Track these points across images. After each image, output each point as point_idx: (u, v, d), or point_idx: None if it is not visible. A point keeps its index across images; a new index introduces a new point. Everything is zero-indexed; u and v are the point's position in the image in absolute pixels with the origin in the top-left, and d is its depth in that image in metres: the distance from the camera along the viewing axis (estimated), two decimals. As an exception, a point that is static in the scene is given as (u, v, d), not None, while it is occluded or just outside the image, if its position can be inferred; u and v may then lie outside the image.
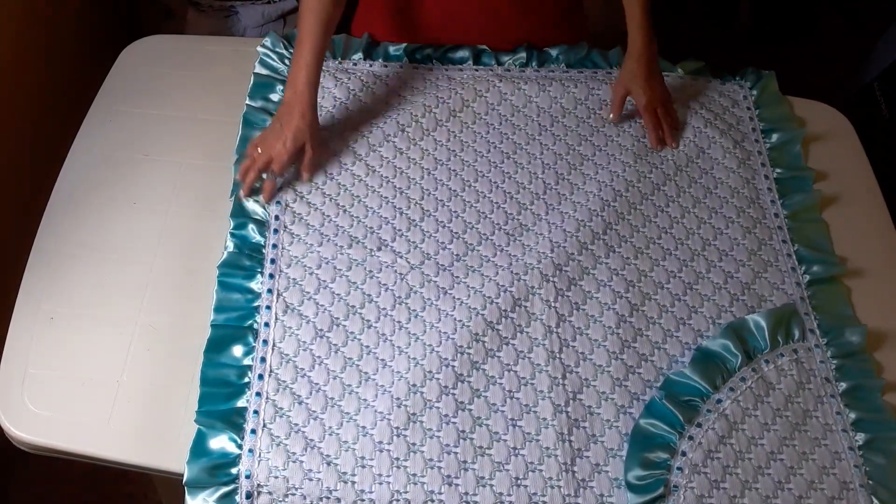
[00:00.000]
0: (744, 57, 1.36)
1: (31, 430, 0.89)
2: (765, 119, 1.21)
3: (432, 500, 0.86)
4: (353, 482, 0.87)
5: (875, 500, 0.88)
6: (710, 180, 1.13)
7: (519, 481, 0.88)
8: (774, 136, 1.19)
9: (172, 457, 0.88)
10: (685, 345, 0.98)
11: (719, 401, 0.93)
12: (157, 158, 1.11)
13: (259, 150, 1.04)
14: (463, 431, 0.90)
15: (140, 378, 0.93)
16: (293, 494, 0.87)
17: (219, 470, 0.87)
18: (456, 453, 0.89)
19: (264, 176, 1.05)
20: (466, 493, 0.87)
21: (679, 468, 0.89)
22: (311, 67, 1.05)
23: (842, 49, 2.16)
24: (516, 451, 0.90)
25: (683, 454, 0.89)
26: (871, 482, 0.89)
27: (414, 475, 0.88)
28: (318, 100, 1.09)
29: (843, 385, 0.96)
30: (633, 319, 1.00)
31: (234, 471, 0.87)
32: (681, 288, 1.03)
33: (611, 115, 1.16)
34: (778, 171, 1.15)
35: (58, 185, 1.10)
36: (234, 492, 0.86)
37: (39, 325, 0.96)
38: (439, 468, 0.88)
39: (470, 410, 0.92)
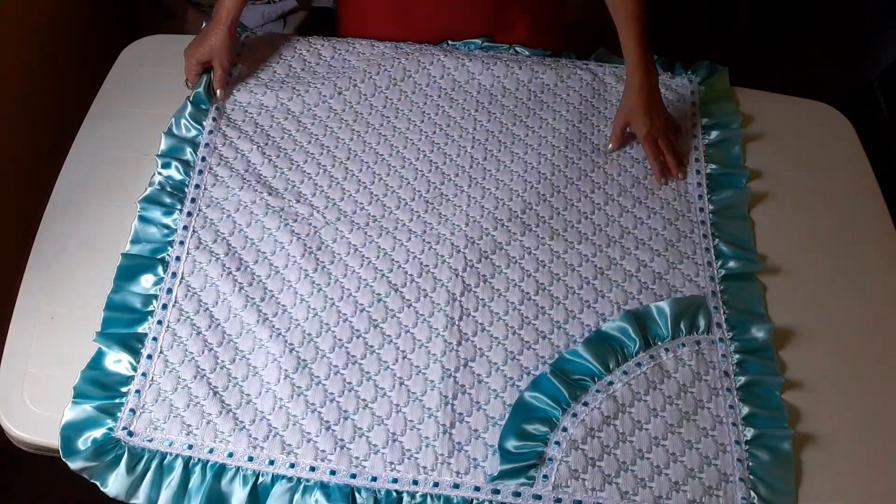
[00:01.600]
0: (744, 57, 1.37)
1: (31, 430, 0.90)
2: (708, 115, 1.21)
3: (308, 441, 0.88)
4: (235, 416, 0.89)
5: (753, 495, 0.87)
6: (640, 170, 1.14)
7: (395, 437, 0.89)
8: (714, 133, 1.19)
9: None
10: (586, 327, 0.98)
11: (610, 383, 0.93)
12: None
13: (184, 57, 1.17)
14: (349, 383, 0.93)
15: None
16: (175, 417, 0.89)
17: (109, 387, 0.90)
18: (339, 402, 0.91)
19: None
20: (342, 440, 0.89)
21: (557, 442, 0.89)
22: (233, 6, 1.14)
23: (842, 49, 2.16)
24: (398, 408, 0.91)
25: (564, 430, 0.90)
26: (751, 477, 0.89)
27: (294, 416, 0.90)
28: (264, 53, 1.22)
29: (742, 380, 0.95)
30: (538, 298, 1.00)
31: (123, 389, 0.91)
32: (591, 272, 1.03)
33: (609, 145, 1.15)
34: (712, 167, 1.15)
35: (58, 185, 1.10)
36: (116, 407, 0.89)
37: (39, 325, 0.96)
38: (319, 413, 0.90)
39: (360, 365, 0.94)
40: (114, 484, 0.86)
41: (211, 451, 0.87)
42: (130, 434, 0.88)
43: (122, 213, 1.06)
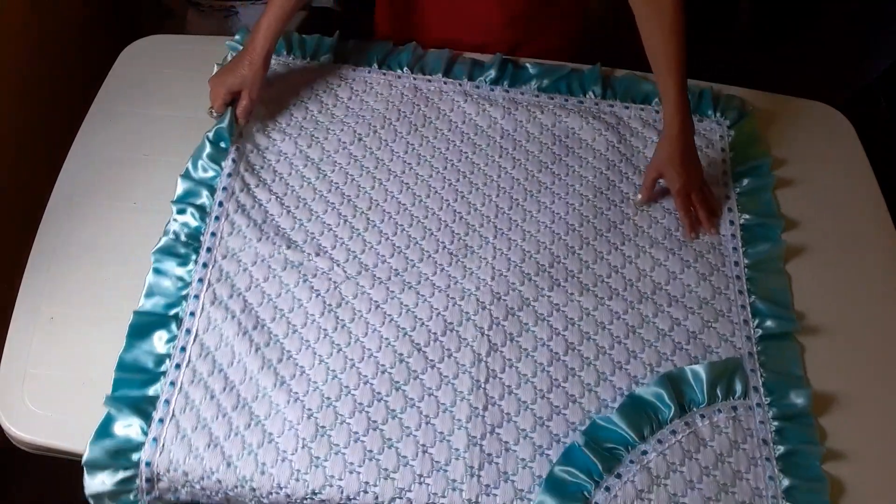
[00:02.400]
0: (744, 57, 1.36)
1: (31, 430, 0.89)
2: (738, 162, 1.17)
3: None
4: (252, 487, 0.86)
5: None
6: (671, 221, 1.10)
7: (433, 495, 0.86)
8: (746, 181, 1.14)
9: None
10: (618, 390, 0.94)
11: (644, 452, 0.89)
12: (157, 158, 1.11)
13: (210, 86, 1.13)
14: (370, 451, 0.88)
15: (140, 378, 0.93)
16: (192, 487, 0.87)
17: (120, 455, 0.87)
18: (359, 473, 0.87)
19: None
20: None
21: None
22: (273, 19, 1.10)
23: (842, 49, 2.16)
24: (421, 478, 0.87)
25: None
26: None
27: (313, 491, 0.86)
28: (280, 93, 1.18)
29: (781, 449, 0.91)
30: (568, 358, 0.96)
31: (134, 457, 0.87)
32: (623, 331, 0.99)
33: (639, 197, 1.10)
34: (746, 217, 1.11)
35: (58, 185, 1.10)
36: (133, 477, 0.87)
37: (39, 325, 0.96)
38: (339, 486, 0.86)
39: (381, 431, 0.90)
40: None
41: (246, 486, 0.86)
42: (150, 483, 0.87)
43: (122, 213, 1.06)
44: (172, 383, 0.92)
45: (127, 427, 0.89)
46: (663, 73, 1.05)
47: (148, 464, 0.87)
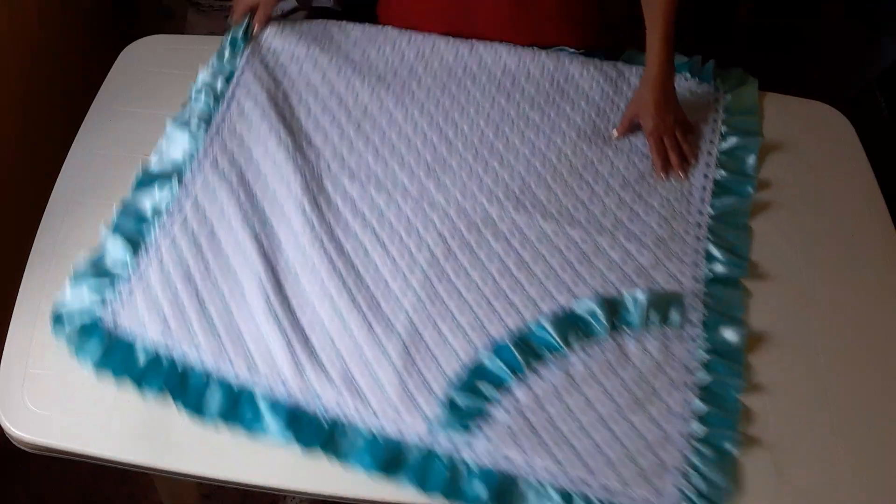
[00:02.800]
0: (744, 57, 1.36)
1: (31, 430, 0.89)
2: (730, 123, 1.20)
3: (272, 362, 0.93)
4: (214, 325, 0.95)
5: (687, 486, 0.87)
6: (647, 166, 1.15)
7: (351, 373, 0.93)
8: (732, 140, 1.18)
9: (172, 455, 0.89)
10: (560, 307, 0.99)
11: (570, 360, 0.95)
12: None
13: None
14: (320, 317, 0.97)
15: (140, 378, 0.93)
16: (158, 315, 0.95)
17: (104, 275, 0.99)
18: (307, 334, 0.96)
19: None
20: (303, 366, 0.93)
21: (503, 405, 0.91)
22: None
23: (842, 49, 2.16)
24: (360, 348, 0.95)
25: (513, 395, 0.92)
26: (690, 470, 0.88)
27: (267, 338, 0.95)
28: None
29: (705, 378, 0.94)
30: (518, 273, 1.02)
31: (116, 275, 0.99)
32: (576, 256, 1.04)
33: (614, 133, 1.17)
34: (722, 173, 1.15)
35: (58, 185, 1.10)
36: (108, 293, 0.97)
37: (39, 325, 0.96)
38: (288, 340, 0.94)
39: (333, 301, 0.98)
40: (88, 359, 0.93)
41: (184, 354, 0.93)
42: (115, 323, 0.95)
43: (122, 213, 1.06)
44: (163, 227, 1.03)
45: (117, 255, 1.00)
46: (653, 18, 1.12)
47: (129, 285, 0.98)
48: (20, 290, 0.99)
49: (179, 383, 0.91)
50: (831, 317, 1.03)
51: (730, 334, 0.98)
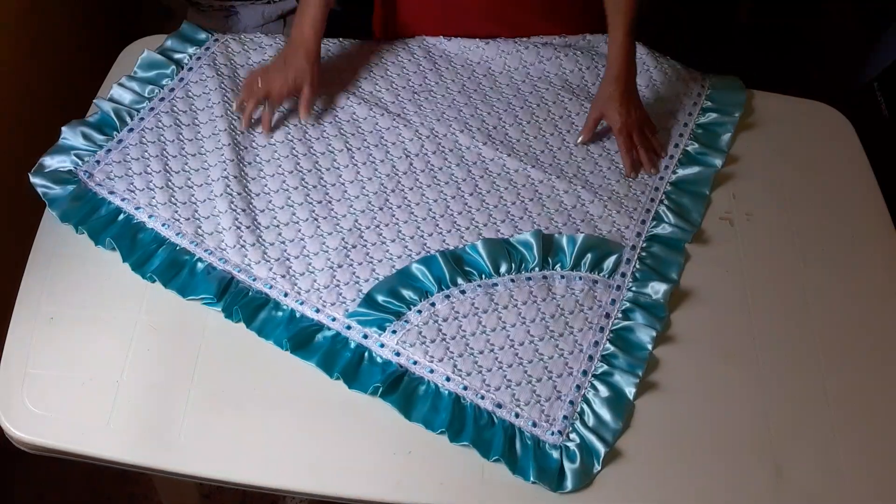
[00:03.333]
0: (744, 57, 1.37)
1: (31, 431, 0.89)
2: (712, 100, 1.23)
3: (219, 233, 1.02)
4: (175, 196, 1.05)
5: (576, 416, 0.91)
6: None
7: (288, 256, 1.01)
8: (711, 116, 1.21)
9: (172, 457, 0.88)
10: (500, 236, 1.04)
11: (495, 284, 1.00)
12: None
13: (259, 84, 1.12)
14: (273, 204, 1.05)
15: (140, 377, 0.93)
16: (128, 179, 1.06)
17: (88, 139, 1.09)
18: (256, 216, 1.04)
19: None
20: (244, 242, 1.01)
21: (420, 311, 0.97)
22: (317, 15, 1.11)
23: (842, 49, 2.16)
24: (302, 237, 1.03)
25: (433, 304, 0.98)
26: (583, 404, 0.92)
27: (217, 211, 1.04)
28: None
29: (622, 324, 0.99)
30: (469, 198, 1.08)
31: (100, 144, 1.09)
32: (530, 194, 1.09)
33: (580, 138, 1.15)
34: (694, 146, 1.18)
35: (58, 184, 1.10)
36: (89, 153, 1.08)
37: (39, 326, 0.96)
38: (236, 217, 1.03)
39: (289, 194, 1.07)
40: (57, 206, 1.03)
41: (141, 212, 1.03)
42: (89, 175, 1.05)
43: (121, 213, 1.06)
44: (152, 109, 1.13)
45: (104, 123, 1.11)
46: (615, 12, 1.10)
47: (109, 151, 1.08)
48: (20, 290, 0.99)
49: (130, 239, 1.01)
50: (831, 316, 1.03)
51: (655, 288, 1.01)
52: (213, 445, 0.89)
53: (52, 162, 1.07)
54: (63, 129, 1.09)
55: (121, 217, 1.03)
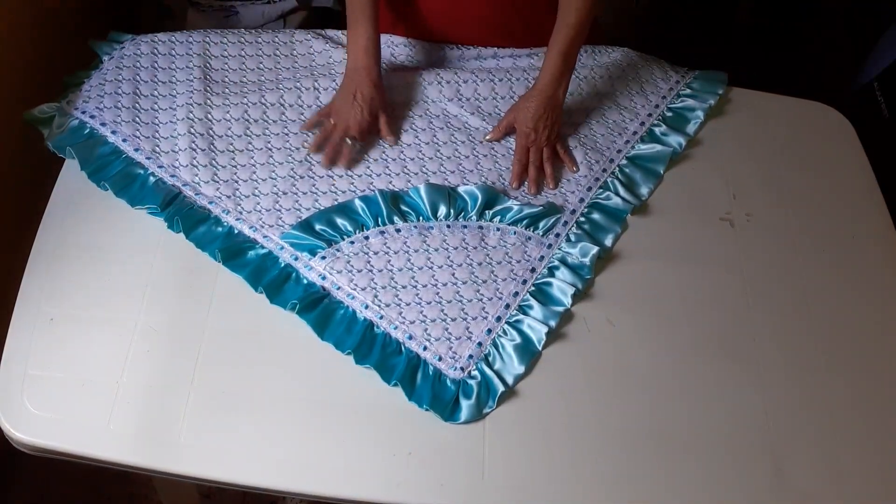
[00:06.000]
0: (744, 57, 1.36)
1: (30, 432, 0.89)
2: (691, 87, 1.24)
3: (190, 159, 1.08)
4: (157, 131, 1.11)
5: (482, 354, 0.95)
6: (593, 102, 1.20)
7: (234, 183, 1.07)
8: (684, 101, 1.22)
9: (172, 457, 0.89)
10: (447, 185, 1.08)
11: (430, 227, 1.04)
12: None
13: (332, 121, 1.11)
14: (250, 133, 1.11)
15: (140, 378, 0.93)
16: (116, 111, 1.13)
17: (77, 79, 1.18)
18: (233, 151, 1.10)
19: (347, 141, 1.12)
20: (217, 165, 1.08)
21: (352, 242, 1.02)
22: (370, 35, 1.10)
23: (842, 49, 2.16)
24: (273, 164, 1.08)
25: (366, 238, 1.03)
26: (491, 347, 0.96)
27: (195, 145, 1.09)
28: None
29: (546, 280, 1.02)
30: (425, 148, 1.12)
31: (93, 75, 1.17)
32: (484, 151, 1.13)
33: (488, 136, 1.14)
34: (662, 127, 1.19)
35: (58, 185, 1.10)
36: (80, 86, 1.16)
37: (39, 326, 0.96)
38: (212, 146, 1.09)
39: (266, 125, 1.12)
40: (51, 137, 1.10)
41: (113, 133, 1.10)
42: (68, 102, 1.14)
43: (122, 213, 1.06)
44: (136, 41, 1.21)
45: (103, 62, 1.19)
46: (556, 34, 1.08)
47: (102, 83, 1.15)
48: (20, 290, 0.99)
49: (90, 150, 1.08)
50: (831, 316, 1.03)
51: (585, 250, 1.03)
52: (213, 446, 0.89)
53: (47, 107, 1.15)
54: (64, 81, 1.18)
55: (85, 132, 1.10)
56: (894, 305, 1.05)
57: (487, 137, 1.15)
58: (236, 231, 1.03)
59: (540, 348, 0.96)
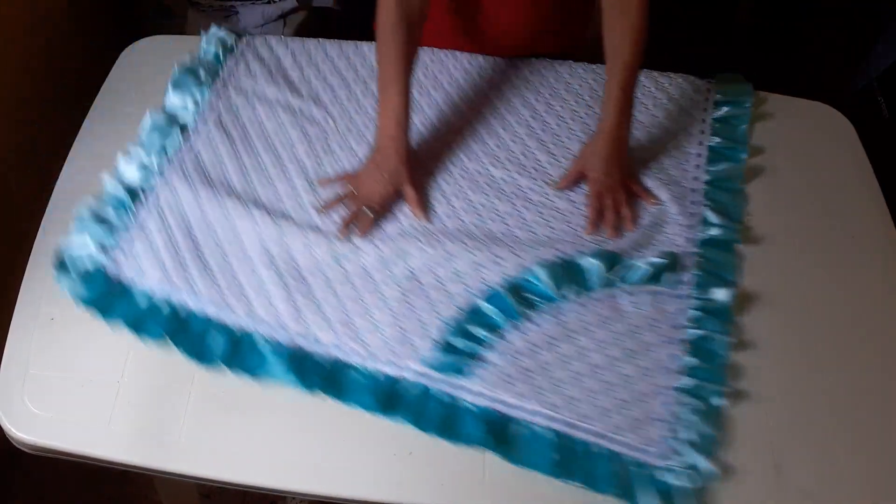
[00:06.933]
0: (744, 57, 1.37)
1: (31, 431, 0.89)
2: (722, 93, 1.24)
3: (272, 306, 0.96)
4: (213, 274, 0.98)
5: (675, 437, 0.89)
6: (644, 134, 1.18)
7: (349, 318, 0.96)
8: (724, 109, 1.22)
9: (172, 457, 0.89)
10: (559, 253, 1.02)
11: (563, 310, 0.98)
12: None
13: (353, 189, 1.06)
14: (319, 263, 1.00)
15: (140, 378, 0.93)
16: (158, 263, 0.99)
17: (106, 223, 1.03)
18: (307, 278, 0.99)
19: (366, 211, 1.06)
20: (301, 311, 0.96)
21: (497, 349, 0.94)
22: (399, 109, 1.05)
23: (842, 49, 2.16)
24: (360, 295, 0.98)
25: (507, 340, 0.95)
26: (678, 421, 0.90)
27: (265, 283, 0.98)
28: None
29: (695, 333, 0.97)
30: (518, 231, 1.06)
31: (117, 223, 1.03)
32: (577, 220, 1.08)
33: (559, 184, 1.11)
34: (717, 140, 1.18)
35: (58, 185, 1.10)
36: (109, 241, 1.01)
37: (40, 326, 0.96)
38: (286, 284, 0.98)
39: (334, 246, 1.01)
40: (91, 306, 0.96)
41: (184, 301, 0.96)
42: (117, 270, 0.99)
43: (122, 213, 1.06)
44: (162, 174, 1.08)
45: (118, 203, 1.04)
46: (612, 72, 1.06)
47: (130, 234, 1.02)
48: (20, 290, 0.99)
49: (180, 328, 0.94)
50: (832, 316, 1.03)
51: (719, 294, 1.00)
52: (213, 446, 0.89)
53: (74, 253, 1.00)
54: (76, 216, 1.02)
55: (163, 307, 0.96)
56: (894, 305, 1.05)
57: (558, 187, 1.11)
58: (377, 376, 0.92)
59: (724, 407, 0.92)
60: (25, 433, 0.89)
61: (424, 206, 1.07)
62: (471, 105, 1.21)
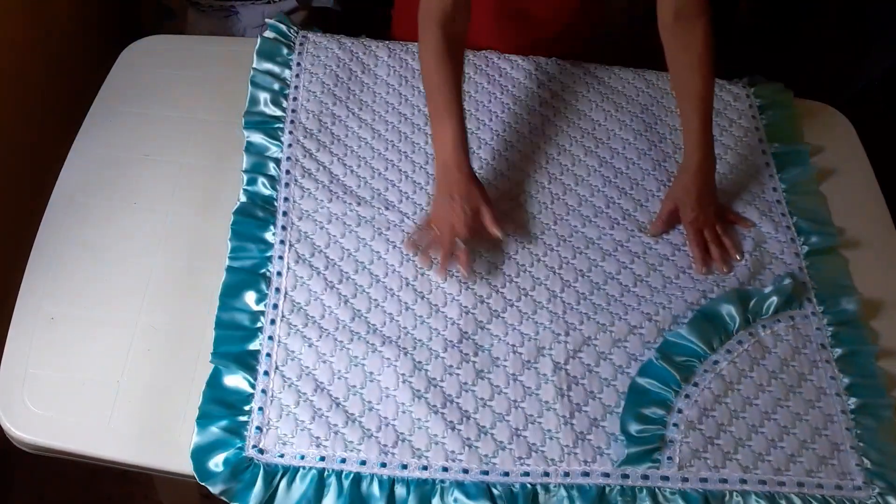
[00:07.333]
0: (744, 56, 1.37)
1: (31, 430, 0.89)
2: (760, 96, 1.23)
3: (436, 443, 0.89)
4: (362, 424, 0.90)
5: (866, 461, 0.90)
6: (721, 165, 1.14)
7: (519, 432, 0.91)
8: (769, 113, 1.21)
9: (172, 457, 0.89)
10: (689, 304, 1.01)
11: (716, 362, 0.96)
12: (157, 158, 1.11)
13: (436, 228, 1.03)
14: (465, 383, 0.93)
15: (140, 378, 0.93)
16: (302, 431, 0.89)
17: (232, 406, 0.89)
18: (458, 402, 0.92)
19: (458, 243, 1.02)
20: (469, 439, 0.89)
21: (675, 424, 0.91)
22: (457, 132, 1.01)
23: (842, 49, 2.16)
24: (517, 403, 0.92)
25: (679, 411, 0.92)
26: (861, 444, 0.91)
27: (418, 419, 0.90)
28: (318, 65, 1.20)
29: (838, 351, 0.98)
30: (637, 288, 1.02)
31: (246, 408, 0.90)
32: (686, 262, 1.06)
33: (652, 228, 1.09)
34: (775, 145, 1.18)
35: (58, 185, 1.10)
36: (243, 425, 0.88)
37: (40, 326, 0.96)
38: (443, 414, 0.91)
39: (474, 363, 0.95)
40: (254, 501, 0.85)
41: (343, 460, 0.87)
42: (261, 452, 0.87)
43: (122, 213, 1.06)
44: (270, 338, 0.95)
45: (235, 381, 0.91)
46: (687, 106, 1.06)
47: (261, 409, 0.89)
48: (20, 290, 0.99)
49: (358, 496, 0.86)
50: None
51: (847, 303, 1.02)
52: (213, 445, 0.89)
53: (210, 449, 0.88)
54: (196, 419, 0.89)
55: (329, 480, 0.86)
56: (894, 305, 1.05)
57: (650, 232, 1.08)
58: (572, 485, 0.87)
59: (893, 420, 0.93)
60: (25, 432, 0.89)
61: (502, 223, 1.02)
62: (529, 160, 1.15)
